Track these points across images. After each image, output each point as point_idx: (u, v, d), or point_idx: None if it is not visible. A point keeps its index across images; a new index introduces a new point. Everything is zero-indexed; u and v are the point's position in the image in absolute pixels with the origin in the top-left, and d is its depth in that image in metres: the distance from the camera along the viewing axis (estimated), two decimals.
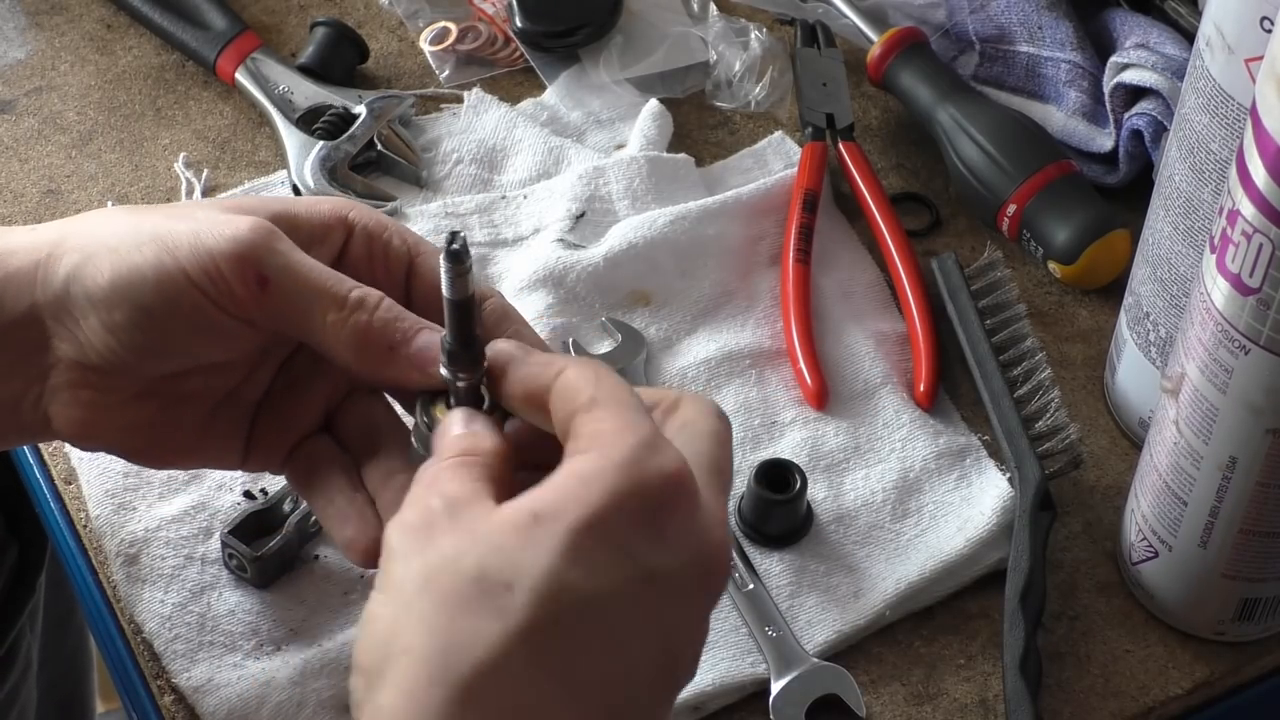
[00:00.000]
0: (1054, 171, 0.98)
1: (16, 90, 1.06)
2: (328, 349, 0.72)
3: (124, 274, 0.71)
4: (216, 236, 0.71)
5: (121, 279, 0.71)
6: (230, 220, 0.72)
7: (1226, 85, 0.78)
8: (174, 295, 0.71)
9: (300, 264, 0.72)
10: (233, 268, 0.70)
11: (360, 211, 0.76)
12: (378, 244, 0.75)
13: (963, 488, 0.89)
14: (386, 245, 0.75)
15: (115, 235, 0.72)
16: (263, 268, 0.71)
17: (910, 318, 0.95)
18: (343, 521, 0.74)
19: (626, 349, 0.93)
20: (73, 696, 1.32)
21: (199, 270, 0.70)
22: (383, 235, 0.75)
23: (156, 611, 0.83)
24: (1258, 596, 0.83)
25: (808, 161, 1.00)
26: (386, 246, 0.75)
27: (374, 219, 0.76)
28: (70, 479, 0.88)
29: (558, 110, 1.06)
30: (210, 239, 0.71)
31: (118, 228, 0.73)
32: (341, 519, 0.74)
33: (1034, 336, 0.93)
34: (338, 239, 0.75)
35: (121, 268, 0.71)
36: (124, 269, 0.71)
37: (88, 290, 0.71)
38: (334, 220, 0.75)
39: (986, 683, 0.83)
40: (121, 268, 0.71)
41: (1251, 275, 0.72)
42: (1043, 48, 1.03)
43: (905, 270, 0.96)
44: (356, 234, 0.75)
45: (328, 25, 1.07)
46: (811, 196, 0.98)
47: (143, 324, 0.71)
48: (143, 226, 0.72)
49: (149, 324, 0.71)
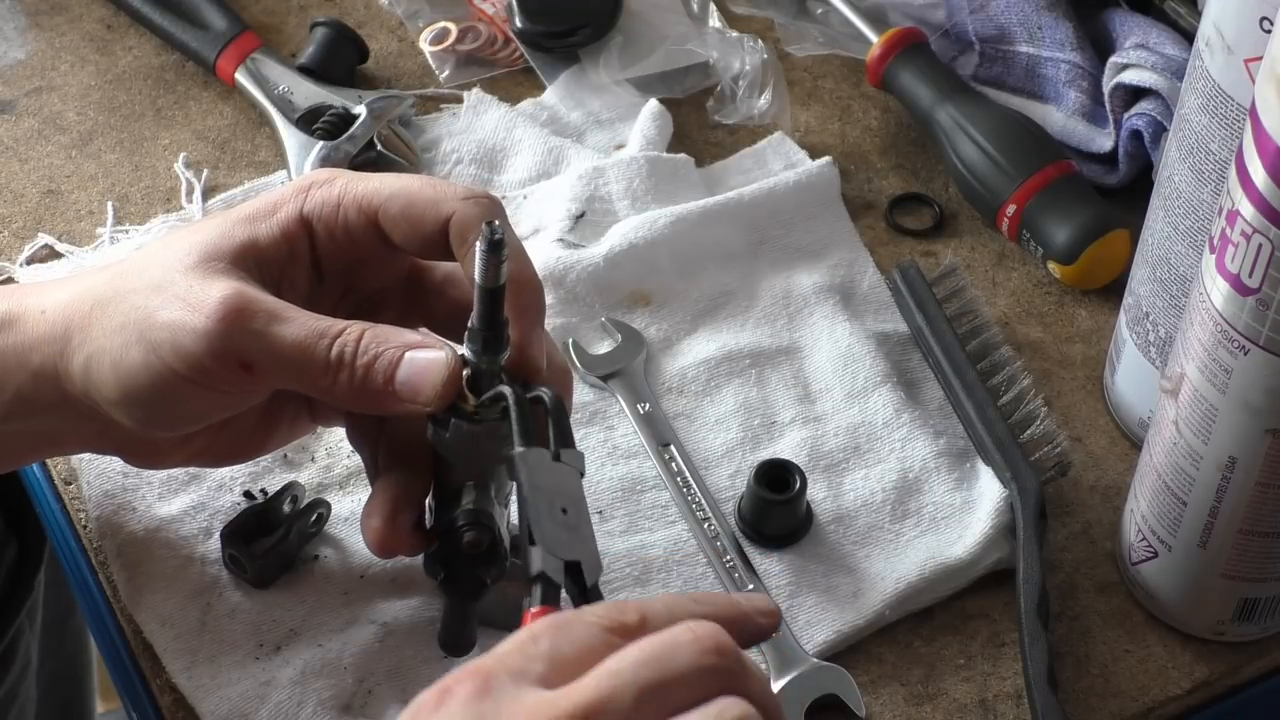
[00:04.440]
0: (1054, 172, 0.98)
1: (16, 90, 1.06)
2: (328, 401, 0.75)
3: (124, 378, 0.75)
4: (191, 335, 0.73)
5: (124, 383, 0.75)
6: (198, 307, 0.73)
7: (1226, 85, 0.78)
8: (171, 389, 0.74)
9: (277, 339, 0.73)
10: (215, 364, 0.73)
11: (312, 201, 0.77)
12: (340, 227, 0.77)
13: (962, 488, 0.89)
14: (346, 225, 0.77)
15: (104, 338, 0.75)
16: (243, 356, 0.73)
17: None
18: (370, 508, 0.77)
19: (626, 349, 0.93)
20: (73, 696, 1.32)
21: (185, 368, 0.73)
22: (340, 217, 0.77)
23: (156, 611, 0.83)
24: (1257, 596, 0.83)
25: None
26: (347, 226, 0.77)
27: (326, 203, 0.77)
28: (70, 479, 0.88)
29: (558, 110, 1.06)
30: (185, 339, 0.73)
31: (104, 329, 0.75)
32: (370, 505, 0.77)
33: (1007, 344, 0.93)
34: (303, 246, 0.77)
35: (120, 371, 0.74)
36: (123, 372, 0.74)
37: (101, 395, 0.75)
38: (294, 229, 0.77)
39: (986, 683, 0.83)
40: (120, 371, 0.74)
41: (1251, 275, 0.72)
42: (1043, 48, 1.03)
43: None
44: (318, 231, 0.77)
45: (328, 25, 1.07)
46: None
47: (156, 414, 0.76)
48: (129, 321, 0.74)
49: (163, 413, 0.75)
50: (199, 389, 0.74)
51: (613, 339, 0.94)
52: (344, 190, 0.77)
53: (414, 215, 0.75)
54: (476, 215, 0.75)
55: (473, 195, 0.76)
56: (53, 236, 0.99)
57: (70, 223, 1.00)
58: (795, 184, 1.00)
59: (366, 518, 0.77)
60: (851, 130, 1.07)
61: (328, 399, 0.75)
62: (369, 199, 0.76)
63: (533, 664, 0.59)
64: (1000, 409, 0.90)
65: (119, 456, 0.82)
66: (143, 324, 0.74)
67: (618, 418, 0.91)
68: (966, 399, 0.91)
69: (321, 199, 0.77)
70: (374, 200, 0.76)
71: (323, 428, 0.85)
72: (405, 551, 0.77)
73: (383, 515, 0.76)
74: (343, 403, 0.75)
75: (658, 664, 0.58)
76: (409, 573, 0.84)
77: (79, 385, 0.76)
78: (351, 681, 0.80)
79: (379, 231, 0.76)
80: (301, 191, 0.77)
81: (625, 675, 0.58)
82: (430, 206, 0.75)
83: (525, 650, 0.59)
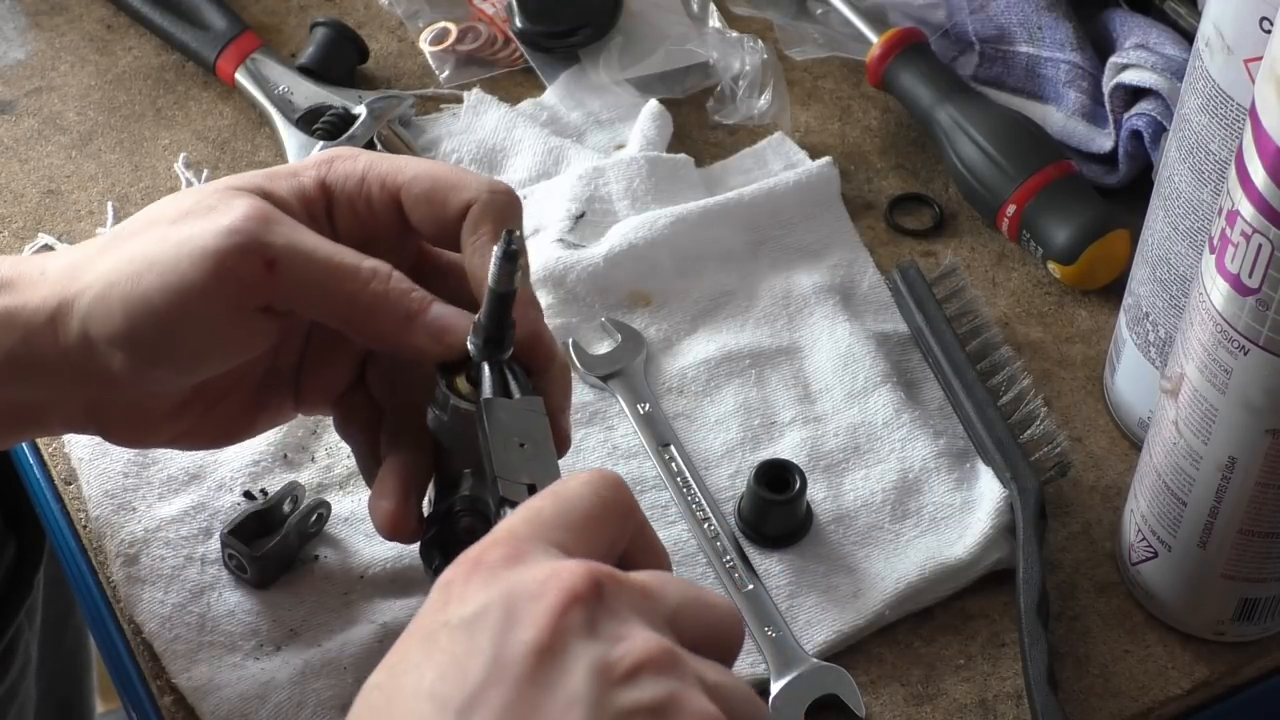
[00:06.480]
0: (1054, 172, 0.98)
1: (16, 90, 1.06)
2: (344, 322, 0.74)
3: (135, 305, 0.71)
4: (213, 234, 0.71)
5: (134, 310, 0.72)
6: (220, 214, 0.72)
7: (1226, 86, 0.78)
8: (187, 307, 0.71)
9: (304, 240, 0.72)
10: (236, 261, 0.71)
11: (335, 169, 0.76)
12: (360, 199, 0.76)
13: (962, 489, 0.89)
14: (368, 199, 0.76)
15: (114, 269, 0.73)
16: (267, 251, 0.71)
17: None
18: (379, 490, 0.77)
19: (626, 349, 0.93)
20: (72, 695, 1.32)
21: (205, 274, 0.71)
22: (361, 190, 0.76)
23: (156, 612, 0.83)
24: (1257, 597, 0.83)
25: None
26: (368, 200, 0.76)
27: (350, 176, 0.76)
28: (70, 479, 0.88)
29: (558, 110, 1.06)
30: (208, 238, 0.71)
31: (116, 260, 0.73)
32: (378, 487, 0.77)
33: (1007, 344, 0.93)
34: (320, 213, 0.76)
35: (131, 299, 0.72)
36: (134, 300, 0.72)
37: (104, 332, 0.72)
38: (314, 194, 0.76)
39: (986, 683, 0.83)
40: (131, 299, 0.72)
41: (1251, 276, 0.72)
42: (1042, 48, 1.03)
43: None
44: (336, 196, 0.76)
45: (328, 25, 1.07)
46: None
47: (166, 344, 0.72)
48: (138, 253, 0.72)
49: (172, 343, 0.72)
50: (214, 310, 0.72)
51: (613, 339, 0.94)
52: (369, 166, 0.76)
53: (437, 198, 0.75)
54: (495, 208, 0.74)
55: (495, 187, 0.75)
56: (53, 237, 0.99)
57: (70, 223, 1.00)
58: (795, 184, 1.00)
59: (377, 499, 0.76)
60: (851, 130, 1.07)
61: (344, 313, 0.73)
62: (393, 177, 0.76)
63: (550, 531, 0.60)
64: (1000, 409, 0.90)
65: (103, 435, 0.79)
66: (158, 249, 0.72)
67: (618, 418, 0.91)
68: (966, 399, 0.91)
69: (345, 172, 0.76)
70: (397, 179, 0.76)
71: (305, 415, 0.82)
72: (413, 534, 0.77)
73: (395, 497, 0.76)
74: (360, 317, 0.73)
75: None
76: (409, 573, 0.84)
77: (77, 331, 0.73)
78: (351, 681, 0.80)
79: (399, 211, 0.76)
80: (325, 162, 0.77)
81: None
82: (453, 191, 0.75)
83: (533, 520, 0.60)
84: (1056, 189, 0.98)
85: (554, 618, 0.56)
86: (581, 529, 0.61)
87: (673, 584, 0.60)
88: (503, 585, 0.57)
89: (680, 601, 0.60)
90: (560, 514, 0.61)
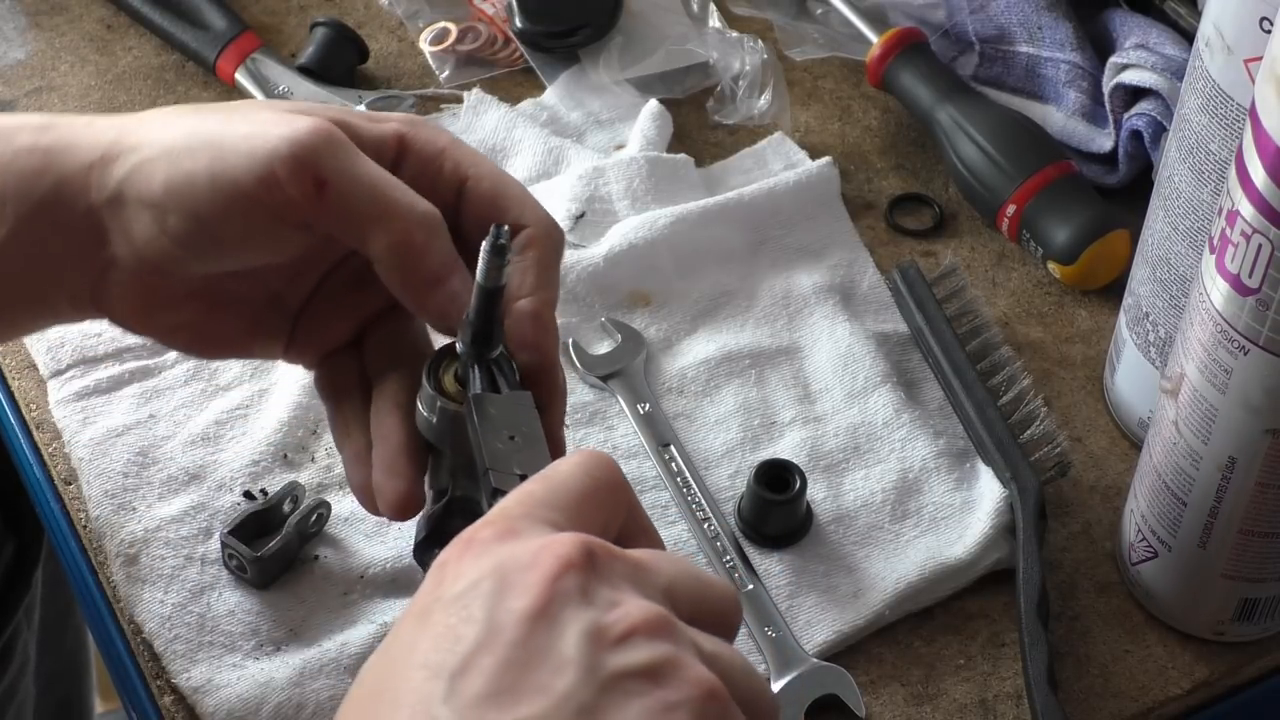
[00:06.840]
0: (1054, 172, 0.98)
1: (16, 90, 1.06)
2: (377, 259, 0.72)
3: (177, 180, 0.71)
4: (274, 138, 0.70)
5: (175, 184, 0.71)
6: (289, 120, 0.71)
7: (1226, 86, 0.78)
8: (227, 201, 0.70)
9: (360, 168, 0.71)
10: (289, 170, 0.70)
11: (417, 133, 0.75)
12: (430, 168, 0.75)
13: (962, 489, 0.89)
14: (437, 172, 0.75)
15: (171, 138, 0.72)
16: (320, 170, 0.70)
17: None
18: (357, 462, 0.75)
19: (626, 349, 0.93)
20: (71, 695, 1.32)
21: (253, 176, 0.70)
22: (435, 161, 0.75)
23: (156, 612, 0.83)
24: (1257, 597, 0.83)
25: None
26: (437, 174, 0.75)
27: (430, 144, 0.75)
28: (70, 479, 0.88)
29: (558, 110, 1.06)
30: (267, 141, 0.70)
31: (175, 130, 0.72)
32: (356, 460, 0.75)
33: (1007, 344, 0.93)
34: (388, 161, 0.74)
35: (175, 173, 0.71)
36: (177, 175, 0.71)
37: (141, 195, 0.71)
38: (391, 139, 0.75)
39: (986, 683, 0.83)
40: (175, 173, 0.71)
41: (1251, 276, 0.72)
42: (1042, 48, 1.03)
43: None
44: (410, 156, 0.75)
45: (328, 25, 1.07)
46: None
47: (195, 228, 0.71)
48: (199, 130, 0.72)
49: (201, 229, 0.71)
50: (254, 208, 0.70)
51: (613, 339, 0.94)
52: (451, 144, 0.75)
53: (499, 205, 0.74)
54: (547, 245, 0.74)
55: (554, 227, 0.75)
56: None
57: None
58: (795, 184, 1.00)
59: (387, 478, 0.74)
60: (851, 130, 1.07)
61: (380, 250, 0.71)
62: (465, 164, 0.75)
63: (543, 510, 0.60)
64: (1000, 409, 0.90)
65: (106, 316, 0.76)
66: (216, 132, 0.71)
67: (618, 418, 0.91)
68: (966, 399, 0.91)
69: (427, 138, 0.75)
70: (469, 170, 0.75)
71: (289, 363, 0.80)
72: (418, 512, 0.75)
73: (406, 477, 0.74)
74: (396, 258, 0.71)
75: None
76: (409, 573, 0.84)
77: (114, 187, 0.71)
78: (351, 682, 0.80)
79: (456, 198, 0.75)
80: (410, 122, 0.76)
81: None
82: (515, 207, 0.74)
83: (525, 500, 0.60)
84: (1056, 189, 0.98)
85: (547, 584, 0.56)
86: (574, 508, 0.60)
87: (667, 559, 0.60)
88: (495, 558, 0.57)
89: (675, 575, 0.59)
90: (552, 493, 0.60)
